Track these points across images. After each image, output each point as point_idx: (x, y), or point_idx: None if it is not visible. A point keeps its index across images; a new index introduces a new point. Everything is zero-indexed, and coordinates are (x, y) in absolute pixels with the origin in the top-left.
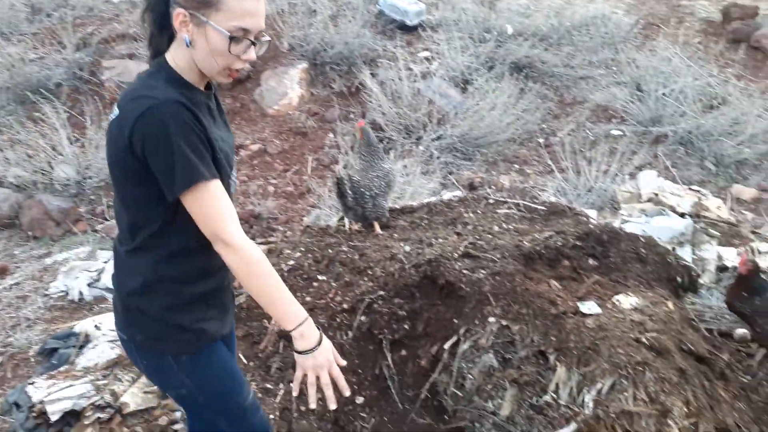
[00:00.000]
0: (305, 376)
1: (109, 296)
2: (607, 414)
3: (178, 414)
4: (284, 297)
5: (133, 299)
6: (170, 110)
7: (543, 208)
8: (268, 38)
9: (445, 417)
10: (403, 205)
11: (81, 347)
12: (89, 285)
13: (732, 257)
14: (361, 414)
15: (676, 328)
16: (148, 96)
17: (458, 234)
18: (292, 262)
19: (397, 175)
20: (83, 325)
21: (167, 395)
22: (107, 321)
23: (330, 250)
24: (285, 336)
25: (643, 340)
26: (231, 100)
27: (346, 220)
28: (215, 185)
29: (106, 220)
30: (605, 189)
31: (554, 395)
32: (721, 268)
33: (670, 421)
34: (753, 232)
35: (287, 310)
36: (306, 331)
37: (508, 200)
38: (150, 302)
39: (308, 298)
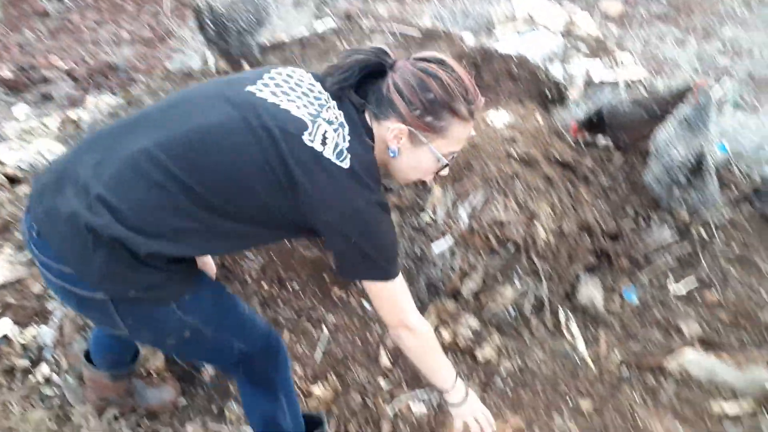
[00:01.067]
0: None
1: None
2: (480, 225)
3: None
4: (443, 365)
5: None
6: (380, 215)
7: (418, 34)
8: None
9: None
10: (273, 42)
11: None
12: None
13: (599, 72)
14: (249, 255)
15: (544, 140)
16: (355, 189)
17: None
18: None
19: (270, 8)
20: None
21: (161, 347)
22: None
23: None
24: None
25: (514, 154)
26: None
27: (210, 60)
28: (401, 279)
29: None
30: (482, 12)
31: (432, 214)
32: (588, 83)
33: (537, 225)
34: (618, 46)
35: (446, 376)
36: (457, 389)
37: (383, 28)
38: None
39: None
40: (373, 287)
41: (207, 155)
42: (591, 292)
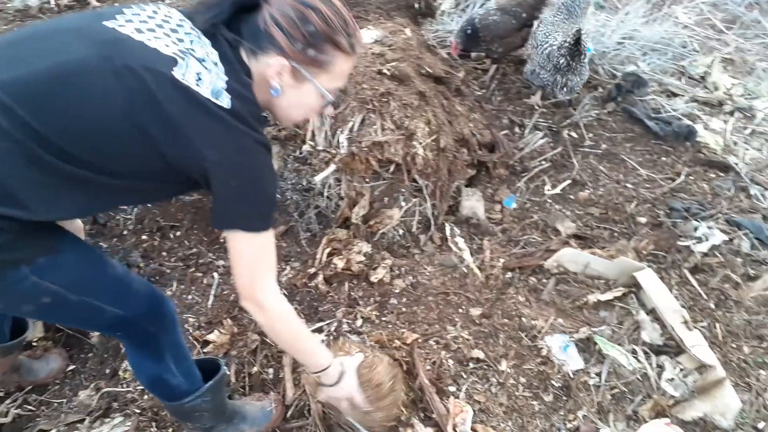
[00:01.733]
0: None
1: None
2: (360, 149)
3: None
4: (308, 349)
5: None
6: (265, 158)
7: None
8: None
9: None
10: None
11: None
12: None
13: None
14: (121, 207)
15: (416, 54)
16: (240, 129)
17: None
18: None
19: None
20: None
21: (18, 314)
22: None
23: None
24: None
25: (385, 71)
26: None
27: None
28: (272, 242)
29: None
30: None
31: (312, 143)
32: None
33: (415, 143)
34: None
35: (310, 361)
36: (327, 374)
37: None
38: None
39: None
40: (238, 241)
41: (61, 98)
42: (473, 204)
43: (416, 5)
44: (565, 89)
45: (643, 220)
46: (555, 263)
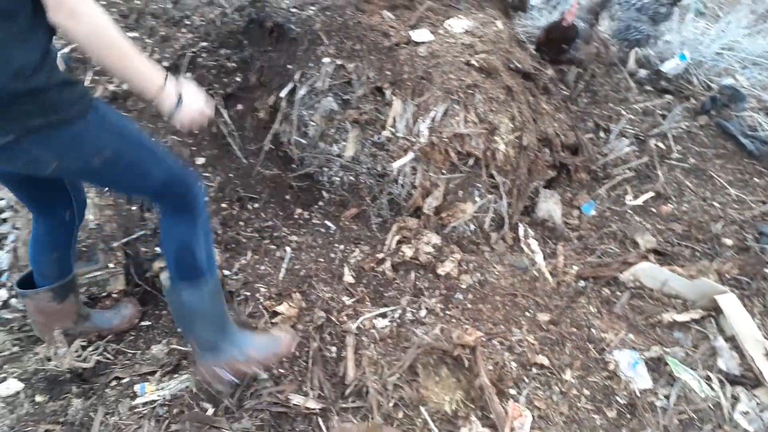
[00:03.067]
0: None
1: None
2: (440, 139)
3: (1, 203)
4: (136, 65)
5: (29, 79)
6: None
7: None
8: None
9: (293, 166)
10: None
11: None
12: None
13: None
14: (205, 174)
15: (505, 48)
16: None
17: None
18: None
19: None
20: None
21: (91, 176)
22: None
23: (137, 1)
24: None
25: (473, 62)
26: None
27: None
28: None
29: None
30: None
31: (392, 129)
32: None
33: (497, 138)
34: None
35: (142, 81)
36: (167, 94)
37: None
38: (50, 73)
39: None
40: None
41: None
42: (550, 206)
43: None
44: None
45: (728, 242)
46: (631, 277)
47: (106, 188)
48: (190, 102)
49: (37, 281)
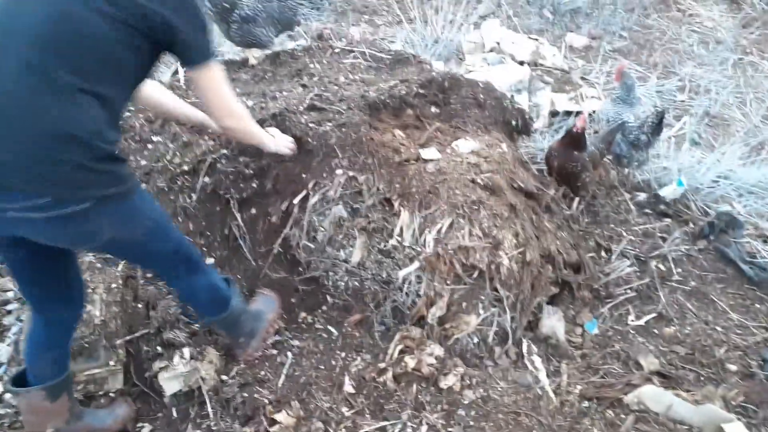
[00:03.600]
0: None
1: None
2: (446, 250)
3: (9, 294)
4: (261, 134)
5: (109, 152)
6: None
7: (388, 56)
8: None
9: (299, 269)
10: (243, 58)
11: None
12: None
13: (563, 103)
14: None
15: (509, 168)
16: None
17: (303, 86)
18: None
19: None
20: None
21: (132, 249)
22: None
23: None
24: None
25: (479, 180)
26: None
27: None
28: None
29: None
30: (451, 39)
31: (399, 239)
32: (553, 113)
33: (501, 252)
34: (582, 78)
35: (262, 141)
36: (271, 139)
37: (354, 49)
38: (112, 146)
39: (143, 162)
40: (207, 73)
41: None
42: (554, 323)
43: (513, 122)
44: (636, 164)
45: (733, 367)
46: (635, 399)
47: (130, 260)
48: (279, 137)
49: (30, 379)
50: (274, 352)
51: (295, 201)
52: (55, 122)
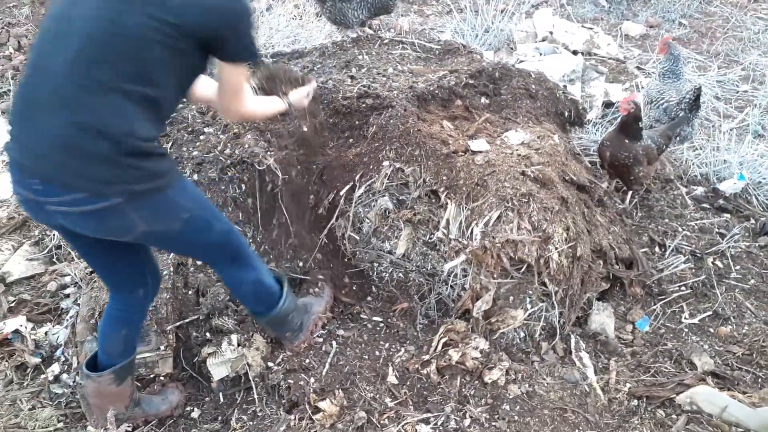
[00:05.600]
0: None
1: None
2: (493, 244)
3: (67, 278)
4: (274, 111)
5: (129, 145)
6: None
7: (437, 47)
8: None
9: (345, 260)
10: (293, 50)
11: None
12: None
13: (618, 94)
14: None
15: (561, 160)
16: None
17: (352, 77)
18: (174, 114)
19: None
20: None
21: (170, 241)
22: None
23: None
24: None
25: (529, 173)
26: None
27: None
28: None
29: None
30: (502, 29)
31: (445, 231)
32: (607, 104)
33: (550, 246)
34: (638, 68)
35: (278, 108)
36: (286, 102)
37: (403, 40)
38: (147, 143)
39: (195, 152)
40: (238, 69)
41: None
42: (603, 319)
43: (566, 113)
44: (678, 138)
45: None
46: (688, 400)
47: (173, 251)
48: (297, 99)
49: (101, 357)
50: (320, 340)
51: (342, 192)
52: (89, 118)
